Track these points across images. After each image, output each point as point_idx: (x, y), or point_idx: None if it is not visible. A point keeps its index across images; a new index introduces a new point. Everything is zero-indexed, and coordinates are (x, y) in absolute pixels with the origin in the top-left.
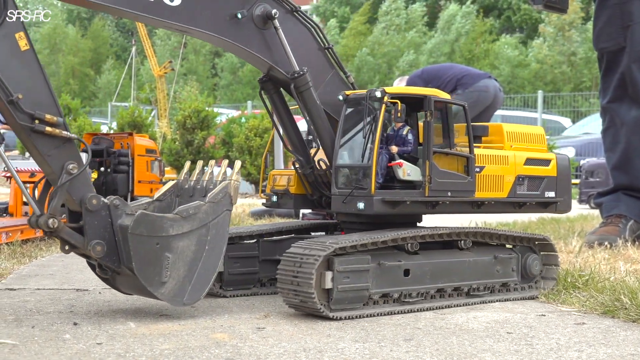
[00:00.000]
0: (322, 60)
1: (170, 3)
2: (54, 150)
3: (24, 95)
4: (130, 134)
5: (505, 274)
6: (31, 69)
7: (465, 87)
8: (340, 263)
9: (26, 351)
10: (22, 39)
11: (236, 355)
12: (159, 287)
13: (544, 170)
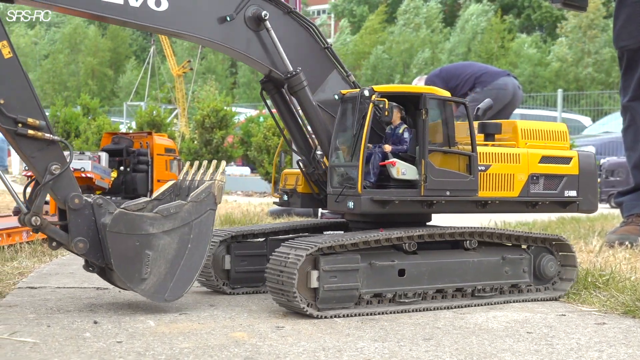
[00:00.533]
0: (322, 60)
1: (157, 8)
2: (37, 152)
3: (8, 100)
4: (149, 133)
5: (515, 275)
6: (14, 75)
7: (484, 85)
8: (326, 262)
9: (47, 349)
10: (5, 47)
11: (255, 354)
12: (139, 284)
13: (563, 168)
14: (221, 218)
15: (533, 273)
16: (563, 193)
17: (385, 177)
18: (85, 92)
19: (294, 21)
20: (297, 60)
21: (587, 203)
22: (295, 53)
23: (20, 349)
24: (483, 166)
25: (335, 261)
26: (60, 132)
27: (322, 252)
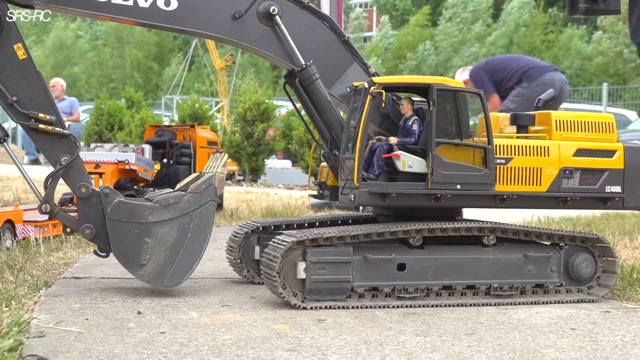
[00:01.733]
0: (341, 52)
1: (166, 8)
2: (50, 145)
3: (21, 98)
4: (192, 126)
5: (540, 275)
6: (28, 75)
7: (531, 80)
8: (314, 254)
9: (91, 339)
10: (20, 49)
11: (297, 347)
12: (137, 269)
13: (604, 162)
14: (262, 211)
15: (566, 273)
16: (604, 188)
17: (395, 170)
18: (130, 84)
19: (310, 15)
20: (315, 53)
21: (635, 199)
22: (312, 47)
23: (65, 338)
24: (503, 159)
25: (324, 253)
26: (104, 125)
27: (306, 244)
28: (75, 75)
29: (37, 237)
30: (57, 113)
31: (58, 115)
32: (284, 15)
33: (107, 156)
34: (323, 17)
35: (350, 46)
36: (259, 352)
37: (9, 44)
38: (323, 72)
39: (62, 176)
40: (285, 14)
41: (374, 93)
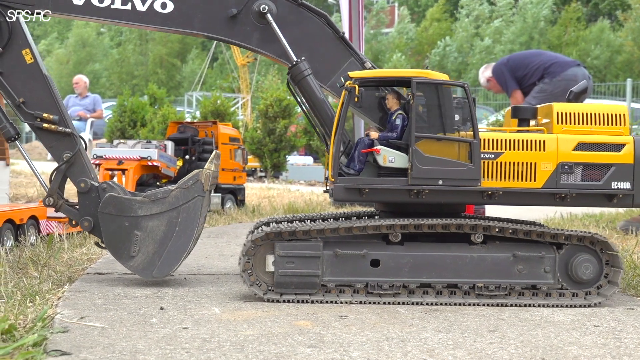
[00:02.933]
0: (339, 48)
1: (163, 10)
2: (54, 143)
3: (29, 99)
4: (214, 122)
5: (532, 275)
6: (35, 78)
7: (553, 76)
8: (281, 248)
9: (114, 334)
10: (28, 54)
11: (319, 343)
12: (127, 260)
13: (610, 156)
14: (284, 207)
15: (567, 275)
16: (610, 185)
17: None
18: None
19: (306, 12)
20: (311, 49)
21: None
22: (308, 43)
23: (89, 334)
24: (492, 154)
25: (293, 247)
26: (127, 121)
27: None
28: (97, 72)
29: (60, 233)
30: (62, 113)
31: (62, 115)
32: (280, 13)
33: (130, 153)
34: (319, 14)
35: (347, 42)
36: (281, 348)
37: (17, 50)
38: (320, 67)
39: (66, 171)
40: (281, 11)
41: (348, 88)
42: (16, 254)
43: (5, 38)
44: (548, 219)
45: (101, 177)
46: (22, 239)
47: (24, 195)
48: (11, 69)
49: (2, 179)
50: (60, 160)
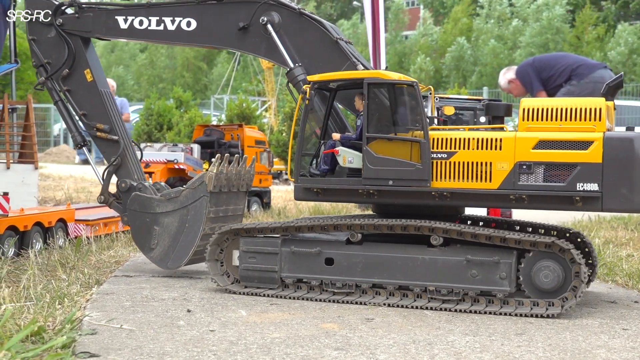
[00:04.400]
0: (336, 52)
1: (188, 28)
2: (106, 149)
3: (88, 111)
4: (240, 125)
5: (486, 281)
6: (93, 93)
7: (581, 78)
8: (245, 243)
9: (142, 336)
10: (88, 73)
11: (346, 345)
12: (149, 252)
13: (575, 155)
14: (310, 210)
15: (529, 281)
16: (574, 186)
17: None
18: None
19: (306, 20)
20: (311, 56)
21: (617, 200)
22: (309, 50)
23: (117, 336)
24: (445, 153)
25: (254, 243)
26: (154, 125)
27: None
28: (124, 75)
29: (88, 235)
30: (112, 123)
31: (113, 125)
32: (285, 23)
33: (157, 156)
34: (316, 21)
35: (341, 47)
36: (308, 350)
37: (81, 70)
38: (320, 71)
39: (115, 173)
40: (285, 21)
41: (304, 90)
42: (45, 257)
43: (71, 60)
44: (575, 222)
45: None
46: (51, 241)
47: (52, 198)
48: (76, 87)
49: (31, 182)
50: (109, 163)
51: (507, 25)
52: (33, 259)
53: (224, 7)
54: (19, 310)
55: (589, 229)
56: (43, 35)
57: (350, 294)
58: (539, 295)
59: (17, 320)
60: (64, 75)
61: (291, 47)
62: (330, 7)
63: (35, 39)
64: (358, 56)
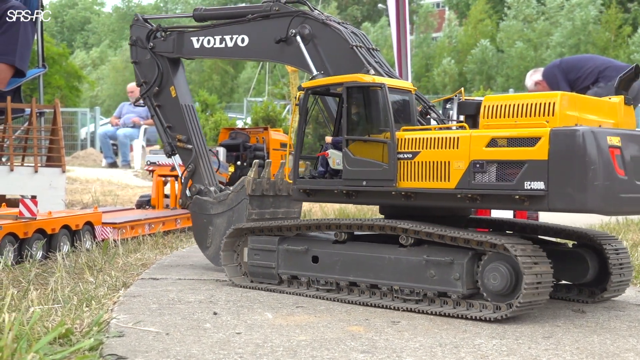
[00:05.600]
0: (354, 59)
1: (242, 44)
2: (185, 157)
3: (173, 124)
4: (265, 128)
5: (442, 282)
6: (175, 108)
7: (608, 80)
8: (252, 241)
9: (169, 339)
10: (173, 90)
11: (372, 349)
12: (205, 250)
13: (523, 152)
14: (335, 212)
15: (483, 283)
16: (522, 185)
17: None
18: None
19: (329, 29)
20: (336, 64)
21: (563, 199)
22: (332, 57)
23: (144, 338)
24: (410, 153)
25: (258, 241)
26: None
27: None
28: None
29: (115, 238)
30: (190, 133)
31: (190, 135)
32: (314, 33)
33: None
34: (337, 30)
35: (357, 53)
36: (334, 353)
37: (167, 87)
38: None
39: (190, 178)
40: (314, 32)
41: (299, 96)
42: (72, 260)
43: (159, 79)
44: (603, 224)
45: (155, 183)
46: (78, 244)
47: (80, 201)
48: (164, 102)
49: (59, 185)
50: (186, 169)
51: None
52: (61, 262)
53: (268, 22)
54: (47, 313)
55: (617, 232)
56: (142, 58)
57: (330, 290)
58: (493, 298)
59: (45, 323)
60: (154, 92)
61: (323, 56)
62: (356, 9)
63: (136, 61)
64: (380, 61)
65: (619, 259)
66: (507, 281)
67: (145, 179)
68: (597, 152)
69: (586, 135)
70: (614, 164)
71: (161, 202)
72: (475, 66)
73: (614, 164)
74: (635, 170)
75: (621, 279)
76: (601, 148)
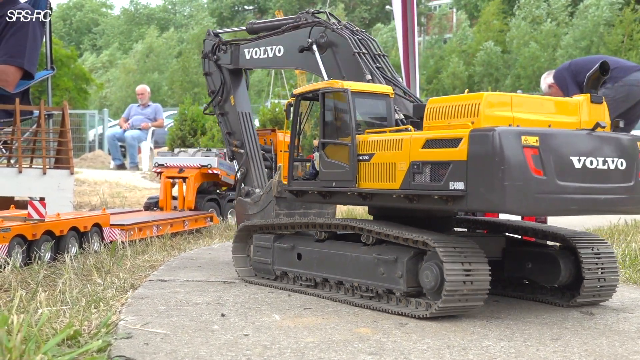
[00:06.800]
0: (356, 65)
1: (279, 54)
2: (240, 160)
3: (232, 130)
4: (273, 130)
5: (389, 279)
6: (234, 115)
7: (615, 81)
8: (255, 239)
9: (177, 340)
10: (232, 98)
11: (380, 350)
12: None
13: (449, 153)
14: (343, 213)
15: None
16: (448, 185)
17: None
18: None
19: (338, 35)
20: (346, 69)
21: (478, 199)
22: (345, 63)
23: (152, 340)
24: (367, 155)
25: (259, 239)
26: (187, 130)
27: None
28: (158, 81)
29: (123, 240)
30: (244, 138)
31: (244, 140)
32: (331, 41)
33: (191, 161)
34: (342, 36)
35: (359, 59)
36: (341, 355)
37: (228, 96)
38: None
39: (242, 180)
40: (329, 39)
41: (287, 103)
42: (80, 261)
43: (222, 89)
44: (612, 226)
45: (162, 185)
46: (86, 246)
47: (88, 203)
48: (226, 110)
49: (67, 187)
50: (239, 172)
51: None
52: (69, 264)
53: (296, 33)
54: (55, 314)
55: (625, 234)
56: (211, 70)
57: (310, 286)
58: (431, 297)
59: (53, 324)
60: (218, 101)
61: (340, 64)
62: (364, 10)
63: (207, 73)
64: (383, 67)
65: (598, 262)
66: (437, 281)
67: (153, 181)
68: (509, 153)
69: (497, 135)
70: (529, 164)
71: (169, 203)
72: (482, 68)
73: (529, 164)
74: (560, 170)
75: (602, 284)
76: (513, 148)
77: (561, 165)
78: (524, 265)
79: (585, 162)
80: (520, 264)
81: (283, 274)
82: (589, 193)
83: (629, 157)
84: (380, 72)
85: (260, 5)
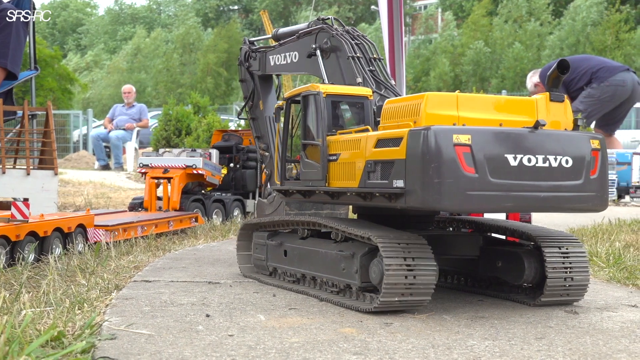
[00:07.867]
0: (350, 68)
1: (295, 60)
2: (265, 162)
3: (261, 134)
4: None
5: (348, 275)
6: (261, 119)
7: (601, 81)
8: (255, 237)
9: (161, 341)
10: (261, 103)
11: (364, 350)
12: None
13: (393, 152)
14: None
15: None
16: (392, 183)
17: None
18: (201, 89)
19: (338, 40)
20: (351, 74)
21: (415, 196)
22: (344, 67)
23: (136, 341)
24: (335, 155)
25: (257, 236)
26: (172, 130)
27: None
28: (143, 81)
29: (107, 241)
30: (270, 141)
31: (269, 143)
32: (334, 45)
33: (175, 161)
34: (338, 40)
35: (352, 63)
36: (326, 355)
37: (258, 101)
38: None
39: (267, 182)
40: (336, 45)
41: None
42: (64, 262)
43: (252, 94)
44: (595, 225)
45: (147, 185)
46: (70, 247)
47: (72, 204)
48: (256, 115)
49: (51, 188)
50: (264, 173)
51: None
52: (53, 265)
53: (307, 39)
54: (38, 316)
55: (609, 233)
56: (245, 77)
57: (294, 282)
58: (379, 291)
59: (37, 326)
60: (250, 106)
61: (342, 67)
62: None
63: (242, 79)
64: (376, 70)
65: (565, 261)
66: (381, 275)
67: (137, 182)
68: (439, 151)
69: (429, 134)
70: (461, 162)
71: (154, 204)
72: (470, 68)
73: (461, 162)
74: (494, 168)
75: (570, 283)
76: (444, 146)
77: (495, 163)
78: (495, 264)
79: (523, 159)
80: (492, 263)
81: (274, 270)
82: (527, 190)
83: (577, 155)
84: (374, 75)
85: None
